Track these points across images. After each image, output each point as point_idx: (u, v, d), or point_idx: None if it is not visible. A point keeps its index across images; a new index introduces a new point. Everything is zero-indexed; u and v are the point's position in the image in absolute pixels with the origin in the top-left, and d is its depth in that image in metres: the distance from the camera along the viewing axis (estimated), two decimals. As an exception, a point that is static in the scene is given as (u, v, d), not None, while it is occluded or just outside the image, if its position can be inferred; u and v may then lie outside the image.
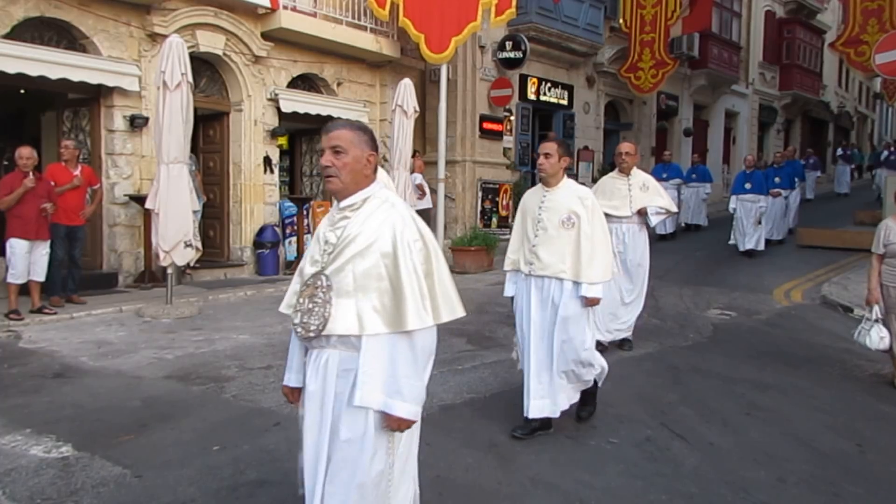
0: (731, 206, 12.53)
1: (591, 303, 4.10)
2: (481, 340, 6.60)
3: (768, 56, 24.42)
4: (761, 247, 12.30)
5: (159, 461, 3.74)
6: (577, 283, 4.07)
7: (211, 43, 9.62)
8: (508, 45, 13.63)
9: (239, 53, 10.02)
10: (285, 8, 10.20)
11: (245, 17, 9.89)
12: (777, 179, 13.64)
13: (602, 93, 17.37)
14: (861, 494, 3.52)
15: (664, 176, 14.19)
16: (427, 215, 11.82)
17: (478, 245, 11.22)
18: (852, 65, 15.86)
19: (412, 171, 11.38)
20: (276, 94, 10.48)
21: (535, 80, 15.08)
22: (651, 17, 16.16)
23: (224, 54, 9.85)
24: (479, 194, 13.44)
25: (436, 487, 3.49)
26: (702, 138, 21.52)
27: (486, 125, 13.53)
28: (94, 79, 8.37)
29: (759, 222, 12.24)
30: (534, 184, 16.06)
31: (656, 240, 12.99)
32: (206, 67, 10.07)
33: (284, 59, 10.73)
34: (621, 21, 16.74)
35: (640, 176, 6.17)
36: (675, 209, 6.48)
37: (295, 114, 10.71)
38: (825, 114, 29.65)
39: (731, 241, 12.50)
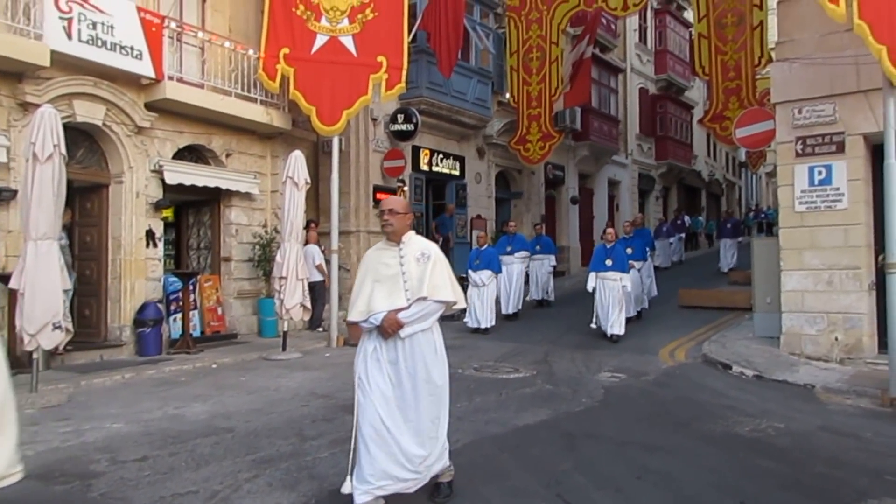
0: (591, 284, 11.10)
1: None
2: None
3: (644, 129, 26.21)
4: (622, 330, 10.86)
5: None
6: None
7: (89, 113, 9.24)
8: (400, 117, 13.93)
9: (120, 124, 9.66)
10: (171, 78, 9.98)
11: (127, 88, 9.60)
12: (629, 250, 12.13)
13: (492, 163, 17.96)
14: (746, 554, 3.59)
15: (509, 249, 13.62)
16: (322, 286, 11.62)
17: (374, 316, 11.01)
18: (719, 139, 17.24)
19: (306, 243, 11.23)
20: (161, 166, 10.13)
21: (427, 151, 15.42)
22: (537, 92, 17.01)
23: (104, 125, 9.47)
24: (375, 264, 13.34)
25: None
26: (588, 205, 22.57)
27: (380, 195, 13.60)
28: (-45, 150, 7.81)
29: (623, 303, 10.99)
30: (445, 249, 16.05)
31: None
32: (84, 137, 9.63)
33: (170, 130, 10.44)
34: (509, 96, 17.53)
35: (416, 243, 4.22)
36: (463, 303, 4.40)
37: (181, 185, 10.38)
38: (698, 181, 31.93)
39: (593, 325, 11.04)
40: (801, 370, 8.20)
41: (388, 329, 3.97)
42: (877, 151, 8.10)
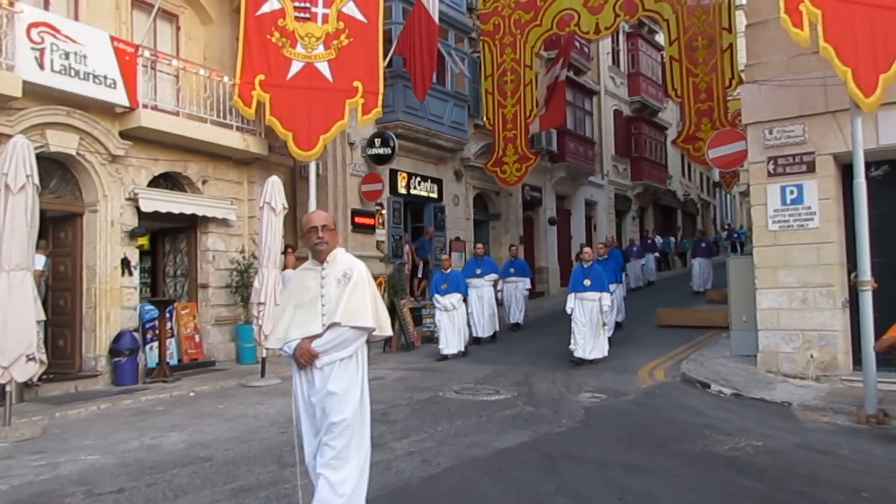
0: (569, 305, 10.88)
1: None
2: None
3: (619, 150, 26.54)
4: (605, 352, 10.84)
5: None
6: None
7: (63, 142, 9.18)
8: (377, 141, 13.98)
9: (94, 153, 9.60)
10: (145, 106, 9.96)
11: (101, 117, 9.55)
12: None
13: (470, 185, 18.06)
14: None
15: (478, 272, 13.36)
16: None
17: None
18: (692, 159, 17.51)
19: (284, 268, 11.16)
20: (136, 194, 10.07)
21: (404, 174, 15.48)
22: (512, 115, 17.19)
23: (78, 154, 9.41)
24: (354, 288, 13.28)
25: None
26: (565, 226, 22.73)
27: (358, 219, 13.62)
28: (-76, 181, 7.68)
29: (604, 324, 10.87)
30: (412, 277, 16.01)
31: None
32: (57, 167, 9.55)
33: (145, 158, 10.38)
34: (484, 119, 17.69)
35: (340, 262, 3.82)
36: (388, 331, 3.92)
37: (157, 213, 10.30)
38: (674, 201, 32.33)
39: (572, 346, 10.68)
40: (778, 388, 8.28)
41: (301, 360, 3.64)
42: (846, 171, 8.27)
